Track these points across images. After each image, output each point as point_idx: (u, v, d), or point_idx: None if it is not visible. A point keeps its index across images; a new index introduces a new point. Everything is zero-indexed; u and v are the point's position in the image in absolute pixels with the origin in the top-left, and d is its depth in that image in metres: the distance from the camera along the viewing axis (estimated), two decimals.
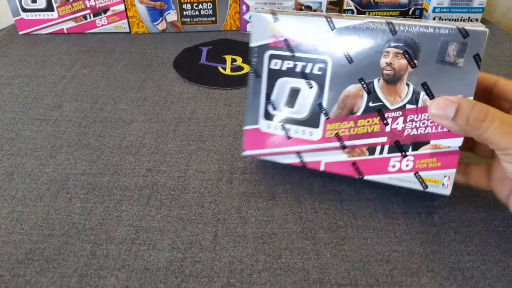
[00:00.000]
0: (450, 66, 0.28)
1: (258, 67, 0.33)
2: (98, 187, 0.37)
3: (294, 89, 0.33)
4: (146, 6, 0.67)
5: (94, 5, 0.67)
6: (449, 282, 0.29)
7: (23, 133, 0.45)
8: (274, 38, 0.32)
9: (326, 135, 0.33)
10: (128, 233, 0.33)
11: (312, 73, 0.32)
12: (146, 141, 0.43)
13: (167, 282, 0.29)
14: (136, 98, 0.51)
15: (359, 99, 0.31)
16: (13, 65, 0.59)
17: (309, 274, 0.30)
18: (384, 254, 0.31)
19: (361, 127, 0.31)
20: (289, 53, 0.32)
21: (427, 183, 0.31)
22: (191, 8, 0.68)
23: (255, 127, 0.35)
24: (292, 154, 0.34)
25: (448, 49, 0.28)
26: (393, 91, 0.30)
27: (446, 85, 0.29)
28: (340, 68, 0.31)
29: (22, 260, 0.31)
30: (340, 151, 0.33)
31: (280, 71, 0.33)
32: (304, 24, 0.31)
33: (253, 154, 0.35)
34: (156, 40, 0.67)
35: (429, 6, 0.72)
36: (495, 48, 0.65)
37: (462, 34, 0.28)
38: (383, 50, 0.30)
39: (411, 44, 0.29)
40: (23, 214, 0.35)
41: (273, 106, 0.34)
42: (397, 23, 0.29)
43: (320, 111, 0.32)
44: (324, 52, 0.31)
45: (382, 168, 0.32)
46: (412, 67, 0.29)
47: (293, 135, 0.34)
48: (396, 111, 0.30)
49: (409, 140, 0.31)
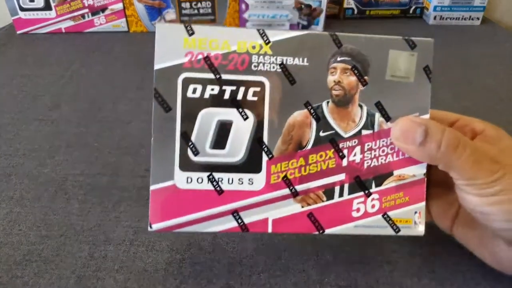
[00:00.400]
0: (401, 80, 0.26)
1: (167, 97, 0.25)
2: (97, 187, 0.37)
3: (223, 123, 0.25)
4: (144, 4, 0.67)
5: (92, 4, 0.67)
6: (450, 283, 0.29)
7: (21, 133, 0.45)
8: (189, 56, 0.25)
9: (272, 180, 0.26)
10: (127, 234, 0.33)
11: (245, 99, 0.25)
12: (145, 142, 0.43)
13: (166, 284, 0.29)
14: (135, 98, 0.51)
15: (307, 129, 0.26)
16: (11, 65, 0.59)
17: (308, 275, 0.30)
18: (385, 255, 0.31)
19: (313, 165, 0.26)
20: (213, 76, 0.25)
21: (398, 225, 0.27)
22: (190, 6, 0.68)
23: (169, 184, 0.25)
24: (227, 216, 0.26)
25: (398, 62, 0.26)
26: (346, 115, 0.26)
27: (400, 103, 0.26)
28: (280, 91, 0.26)
29: (19, 262, 0.30)
30: (291, 200, 0.26)
31: (201, 100, 0.25)
32: (230, 37, 0.25)
33: (167, 226, 0.26)
34: (154, 39, 0.67)
35: (430, 4, 0.72)
36: (496, 47, 0.64)
37: (409, 44, 0.26)
38: (329, 67, 0.26)
39: (359, 58, 0.26)
40: (21, 215, 0.34)
41: (194, 149, 0.25)
42: (341, 34, 0.26)
43: (260, 149, 0.26)
44: (259, 71, 0.25)
45: (345, 215, 0.27)
46: (363, 85, 0.26)
47: (226, 187, 0.26)
48: (352, 140, 0.26)
49: (371, 174, 0.27)
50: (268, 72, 0.25)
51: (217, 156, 0.26)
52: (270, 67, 0.25)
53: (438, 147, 0.24)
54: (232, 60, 0.25)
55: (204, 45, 0.25)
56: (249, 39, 0.25)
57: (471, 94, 0.52)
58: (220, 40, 0.25)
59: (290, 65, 0.26)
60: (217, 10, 0.69)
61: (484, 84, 0.54)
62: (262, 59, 0.25)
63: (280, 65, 0.25)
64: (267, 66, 0.25)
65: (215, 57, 0.25)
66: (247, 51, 0.25)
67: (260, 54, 0.25)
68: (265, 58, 0.25)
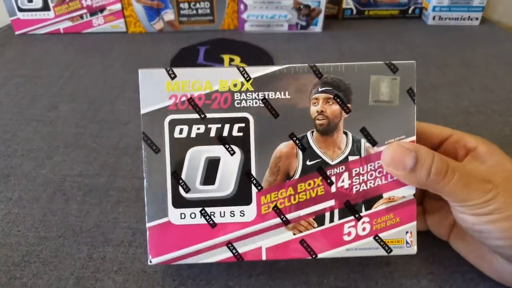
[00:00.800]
0: (385, 104, 0.26)
1: (155, 139, 0.26)
2: (95, 188, 0.37)
3: (212, 160, 0.26)
4: (143, 5, 0.67)
5: (90, 5, 0.66)
6: (449, 284, 0.29)
7: (19, 134, 0.44)
8: (173, 99, 0.26)
9: (263, 211, 0.27)
10: (125, 235, 0.33)
11: (231, 135, 0.26)
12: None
13: (165, 285, 0.29)
14: (133, 98, 0.51)
15: (294, 159, 0.26)
16: (9, 66, 0.59)
17: (308, 277, 0.29)
18: (384, 256, 0.31)
19: (302, 193, 0.27)
20: (198, 116, 0.26)
21: (390, 246, 0.27)
22: (188, 7, 0.67)
23: (164, 221, 0.27)
24: (222, 247, 0.27)
25: (380, 87, 0.26)
26: (331, 143, 0.26)
27: (385, 127, 0.26)
28: (265, 125, 0.26)
29: (18, 263, 0.30)
30: (282, 229, 0.27)
31: (188, 139, 0.26)
32: (212, 77, 0.26)
33: (166, 260, 0.27)
34: (153, 39, 0.67)
35: (428, 5, 0.72)
36: (496, 47, 0.64)
37: (391, 69, 0.26)
38: (311, 98, 0.26)
39: (341, 86, 0.26)
40: (19, 216, 0.34)
41: (185, 187, 0.26)
42: (320, 65, 0.26)
43: (249, 182, 0.26)
44: (242, 108, 0.26)
45: (337, 239, 0.27)
46: (346, 112, 0.26)
47: (219, 220, 0.27)
48: (339, 166, 0.27)
49: (360, 198, 0.27)
50: (251, 107, 0.26)
51: (208, 192, 0.27)
52: (252, 103, 0.26)
53: (428, 175, 0.24)
54: (215, 100, 0.26)
55: (186, 87, 0.26)
56: (230, 77, 0.26)
57: (470, 94, 0.52)
58: (202, 81, 0.26)
59: (272, 99, 0.26)
60: (216, 10, 0.69)
61: (483, 84, 0.54)
62: (244, 95, 0.26)
63: (262, 100, 0.26)
64: (249, 102, 0.26)
65: (199, 98, 0.26)
66: (229, 89, 0.26)
67: (242, 91, 0.26)
68: (247, 95, 0.26)
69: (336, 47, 0.65)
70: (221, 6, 0.68)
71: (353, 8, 0.75)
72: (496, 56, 0.61)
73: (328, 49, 0.64)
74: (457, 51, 0.63)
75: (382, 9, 0.75)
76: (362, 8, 0.75)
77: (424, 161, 0.25)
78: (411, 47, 0.64)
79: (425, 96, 0.51)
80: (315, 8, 0.67)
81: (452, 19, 0.72)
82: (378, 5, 0.75)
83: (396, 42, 0.66)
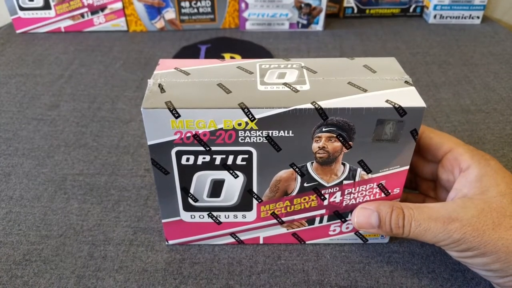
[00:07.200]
0: (387, 142, 0.26)
1: (163, 164, 0.27)
2: (96, 187, 0.37)
3: (217, 181, 0.28)
4: (144, 4, 0.67)
5: (91, 3, 0.66)
6: (450, 284, 0.29)
7: (20, 133, 0.44)
8: (178, 134, 0.26)
9: (262, 215, 0.30)
10: (126, 234, 0.33)
11: (235, 164, 0.28)
12: (144, 141, 0.43)
13: (166, 284, 0.29)
14: (134, 97, 0.51)
15: (293, 182, 0.28)
16: (10, 64, 0.59)
17: (308, 276, 0.29)
18: (385, 255, 0.31)
19: (297, 205, 0.29)
20: (203, 148, 0.27)
21: (367, 237, 0.32)
22: (189, 6, 0.67)
23: (176, 219, 0.30)
24: (226, 236, 0.31)
25: (384, 128, 0.26)
26: (329, 171, 0.28)
27: (382, 160, 0.27)
28: (267, 157, 0.27)
29: (19, 261, 0.30)
30: (278, 226, 0.31)
31: (195, 165, 0.28)
32: (216, 117, 0.25)
33: (180, 242, 0.32)
34: (154, 38, 0.67)
35: (429, 3, 0.72)
36: (497, 46, 0.64)
37: (399, 113, 0.25)
38: (314, 136, 0.26)
39: (344, 128, 0.26)
40: (20, 215, 0.34)
41: (194, 198, 0.29)
42: (327, 107, 0.25)
43: (251, 197, 0.29)
44: (246, 143, 0.27)
45: (323, 233, 0.31)
46: (347, 148, 0.27)
47: (224, 220, 0.31)
48: (333, 187, 0.29)
49: (348, 209, 0.30)
50: (255, 143, 0.27)
51: (214, 202, 0.30)
52: (256, 139, 0.27)
53: (391, 230, 0.27)
54: (220, 136, 0.26)
55: (191, 125, 0.26)
56: (234, 118, 0.26)
57: (471, 92, 0.52)
58: (207, 120, 0.26)
59: (275, 136, 0.26)
60: (217, 9, 0.68)
61: (484, 83, 0.54)
62: (248, 133, 0.26)
63: (266, 137, 0.26)
64: (253, 139, 0.27)
65: (203, 134, 0.26)
66: (233, 128, 0.26)
67: (246, 129, 0.26)
68: (251, 133, 0.26)
69: (337, 45, 0.64)
70: (222, 4, 0.68)
71: (354, 6, 0.75)
72: (497, 55, 0.61)
73: (329, 48, 0.64)
74: (458, 50, 0.63)
75: (383, 8, 0.75)
76: (363, 6, 0.75)
77: (384, 219, 0.27)
78: (412, 46, 0.64)
79: (426, 95, 0.51)
80: (316, 7, 0.67)
81: (453, 18, 0.72)
82: (379, 4, 0.74)
83: (397, 40, 0.66)
